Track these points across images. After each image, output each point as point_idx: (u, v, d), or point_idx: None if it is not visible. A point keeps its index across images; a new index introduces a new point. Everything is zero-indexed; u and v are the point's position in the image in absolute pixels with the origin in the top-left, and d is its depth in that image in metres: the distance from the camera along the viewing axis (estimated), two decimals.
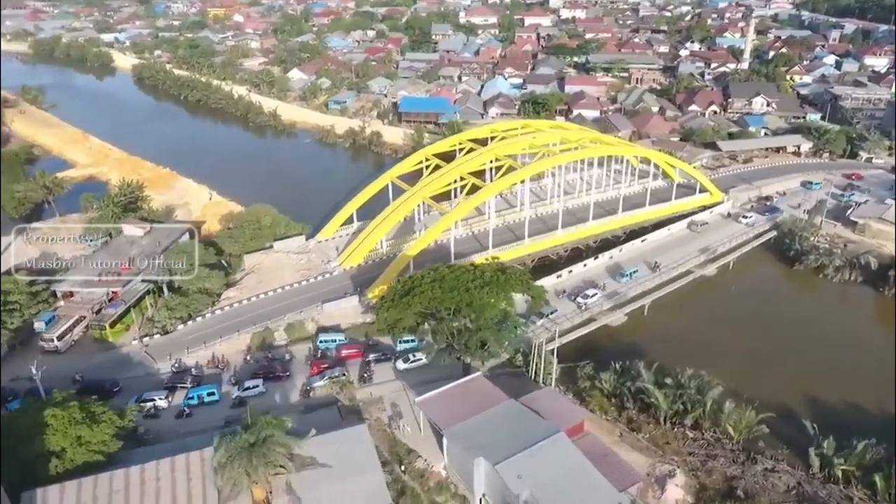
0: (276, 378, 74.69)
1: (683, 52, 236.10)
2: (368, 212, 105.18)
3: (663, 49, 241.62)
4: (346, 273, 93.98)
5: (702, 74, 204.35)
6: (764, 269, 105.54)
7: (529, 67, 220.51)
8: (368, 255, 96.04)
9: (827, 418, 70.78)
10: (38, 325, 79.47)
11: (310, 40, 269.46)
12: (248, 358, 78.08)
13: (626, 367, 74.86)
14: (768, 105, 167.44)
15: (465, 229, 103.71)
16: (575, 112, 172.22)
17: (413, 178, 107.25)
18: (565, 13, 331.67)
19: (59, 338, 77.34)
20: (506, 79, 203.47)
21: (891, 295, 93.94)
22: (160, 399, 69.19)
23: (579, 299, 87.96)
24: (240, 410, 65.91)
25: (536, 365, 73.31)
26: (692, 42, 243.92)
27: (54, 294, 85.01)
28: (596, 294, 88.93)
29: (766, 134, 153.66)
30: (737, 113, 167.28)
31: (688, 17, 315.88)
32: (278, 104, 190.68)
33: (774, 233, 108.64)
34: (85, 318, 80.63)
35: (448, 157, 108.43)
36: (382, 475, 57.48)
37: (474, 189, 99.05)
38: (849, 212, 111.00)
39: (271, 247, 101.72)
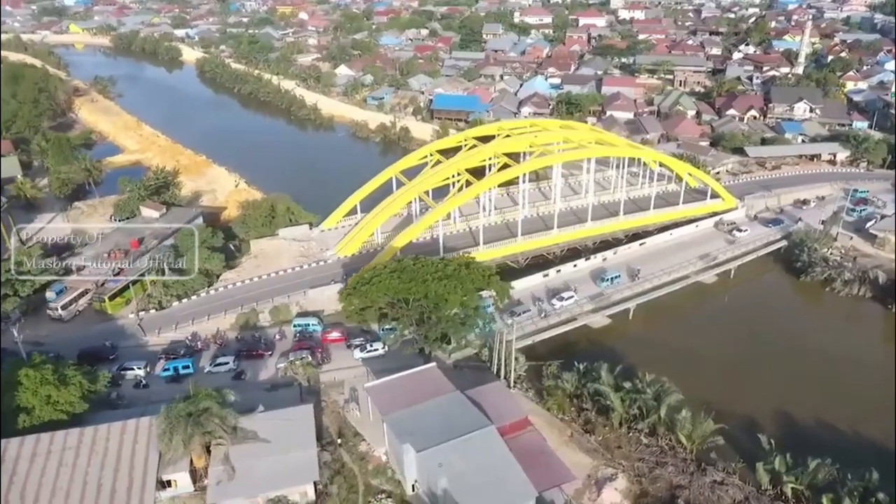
0: (258, 356, 77.90)
1: (737, 55, 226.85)
2: (372, 204, 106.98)
3: (715, 51, 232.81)
4: (339, 261, 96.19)
5: (750, 78, 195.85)
6: (767, 279, 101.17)
7: (574, 68, 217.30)
8: (364, 245, 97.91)
9: (795, 436, 68.14)
10: (49, 295, 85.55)
11: (364, 38, 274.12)
12: (221, 335, 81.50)
13: (589, 369, 73.78)
14: (811, 111, 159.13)
15: (463, 225, 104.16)
16: (608, 113, 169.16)
17: (417, 172, 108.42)
18: (624, 14, 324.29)
19: (64, 307, 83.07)
20: (546, 79, 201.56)
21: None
22: (138, 369, 73.27)
23: (554, 301, 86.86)
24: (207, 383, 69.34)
25: (500, 360, 73.23)
26: (747, 45, 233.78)
27: (68, 268, 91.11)
28: (572, 297, 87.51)
29: (802, 141, 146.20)
30: (776, 118, 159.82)
31: (752, 20, 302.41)
32: (319, 98, 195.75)
33: (784, 242, 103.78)
34: (89, 290, 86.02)
35: (454, 153, 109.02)
36: (315, 453, 59.22)
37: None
38: (868, 224, 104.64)
39: (277, 233, 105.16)
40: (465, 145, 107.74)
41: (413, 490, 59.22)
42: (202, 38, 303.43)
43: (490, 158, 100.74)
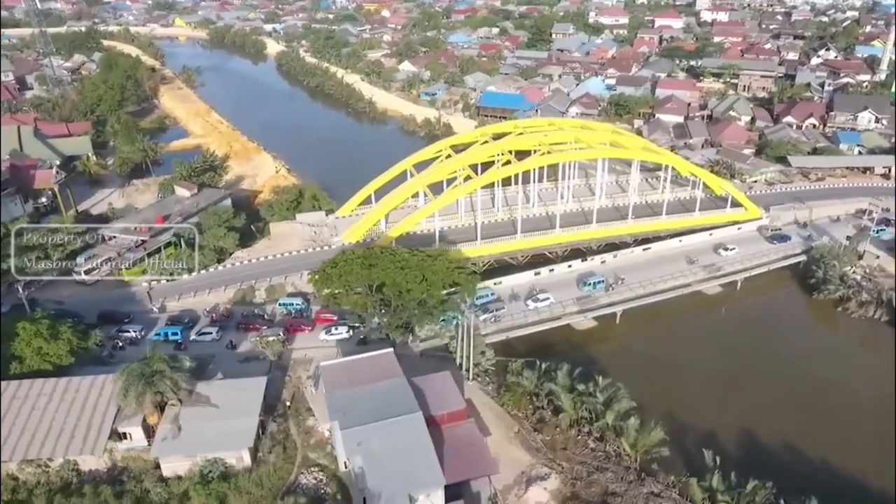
0: (254, 329, 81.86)
1: (815, 60, 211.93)
2: (385, 194, 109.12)
3: (792, 56, 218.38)
4: (343, 247, 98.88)
5: (822, 85, 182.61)
6: (777, 295, 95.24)
7: (636, 69, 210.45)
8: (369, 233, 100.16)
9: (754, 457, 65.06)
10: (79, 260, 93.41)
11: (434, 35, 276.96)
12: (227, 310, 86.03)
13: (550, 368, 72.69)
14: (877, 121, 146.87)
15: (469, 219, 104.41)
16: (657, 116, 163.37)
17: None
18: (707, 16, 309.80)
19: (87, 272, 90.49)
20: (603, 80, 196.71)
21: None
22: (134, 332, 78.98)
23: (529, 301, 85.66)
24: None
25: (463, 353, 73.44)
26: (827, 49, 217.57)
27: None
28: (548, 299, 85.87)
29: (859, 152, 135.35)
30: (837, 127, 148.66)
31: (845, 23, 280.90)
32: (377, 93, 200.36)
33: (804, 257, 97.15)
34: (112, 259, 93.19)
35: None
36: (256, 422, 62.04)
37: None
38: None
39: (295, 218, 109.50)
40: (480, 142, 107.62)
41: (345, 467, 60.93)
42: (286, 32, 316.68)
43: (498, 155, 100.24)
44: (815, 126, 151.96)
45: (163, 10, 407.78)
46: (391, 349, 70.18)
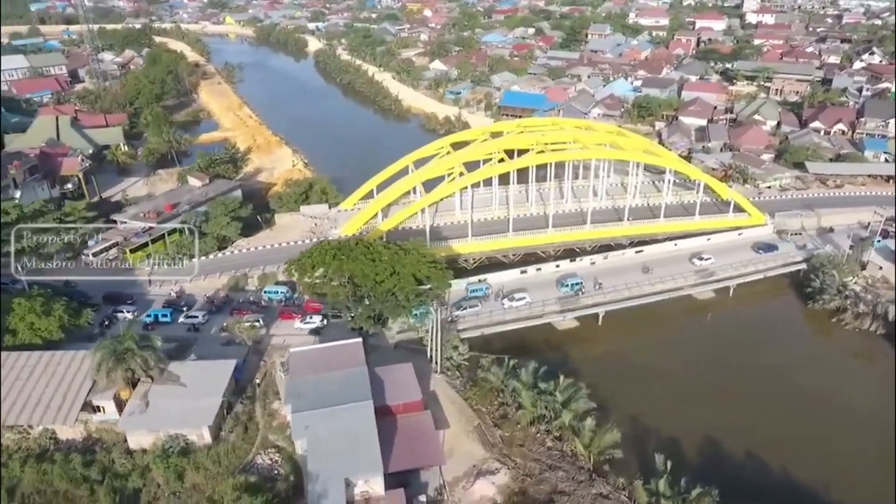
0: (245, 315, 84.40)
1: (858, 65, 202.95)
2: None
3: (833, 59, 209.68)
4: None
5: (860, 90, 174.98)
6: (770, 302, 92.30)
7: (668, 71, 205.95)
8: (366, 226, 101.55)
9: (710, 465, 63.64)
10: (91, 243, 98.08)
11: (470, 35, 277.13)
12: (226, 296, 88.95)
13: (517, 365, 72.57)
14: None
15: (466, 216, 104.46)
16: (679, 118, 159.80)
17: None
18: (752, 18, 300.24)
19: (94, 255, 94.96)
20: (631, 82, 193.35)
21: None
22: (128, 312, 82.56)
23: (505, 300, 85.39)
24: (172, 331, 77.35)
25: (433, 346, 74.01)
26: (872, 53, 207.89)
27: (114, 222, 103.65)
28: (523, 298, 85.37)
29: (886, 160, 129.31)
30: (867, 134, 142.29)
31: None
32: (404, 90, 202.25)
33: (804, 266, 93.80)
34: (118, 243, 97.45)
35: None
36: (219, 402, 64.16)
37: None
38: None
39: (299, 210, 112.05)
40: (480, 140, 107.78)
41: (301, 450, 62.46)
42: (327, 31, 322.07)
43: (494, 154, 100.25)
44: (843, 132, 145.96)
45: (215, 9, 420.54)
46: (360, 339, 71.31)
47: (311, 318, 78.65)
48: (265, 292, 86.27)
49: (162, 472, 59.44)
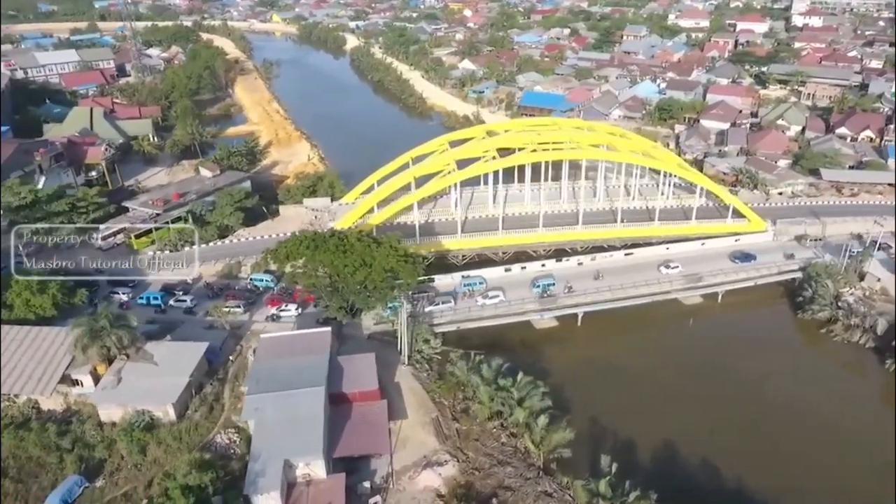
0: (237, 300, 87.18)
1: None
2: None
3: (875, 64, 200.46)
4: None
5: None
6: (760, 310, 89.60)
7: (699, 73, 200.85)
8: (362, 220, 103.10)
9: (660, 470, 62.43)
10: (102, 227, 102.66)
11: (503, 35, 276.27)
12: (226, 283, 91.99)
13: (482, 361, 72.82)
14: None
15: (461, 213, 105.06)
16: (700, 121, 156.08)
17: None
18: (799, 20, 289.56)
19: (103, 239, 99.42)
20: (658, 83, 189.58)
21: (892, 369, 73.94)
22: (123, 294, 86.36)
23: (479, 298, 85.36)
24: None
25: (403, 338, 74.86)
26: None
27: (125, 208, 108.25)
28: (497, 296, 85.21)
29: None
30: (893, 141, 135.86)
31: None
32: (429, 88, 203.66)
33: (799, 274, 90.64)
34: (125, 229, 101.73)
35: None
36: (185, 382, 66.45)
37: None
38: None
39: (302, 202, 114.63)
40: (478, 138, 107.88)
41: None
42: (366, 29, 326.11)
43: (487, 152, 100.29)
44: (871, 139, 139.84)
45: (264, 7, 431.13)
46: (328, 328, 72.80)
47: (286, 306, 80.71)
48: (252, 279, 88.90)
49: (125, 445, 62.04)
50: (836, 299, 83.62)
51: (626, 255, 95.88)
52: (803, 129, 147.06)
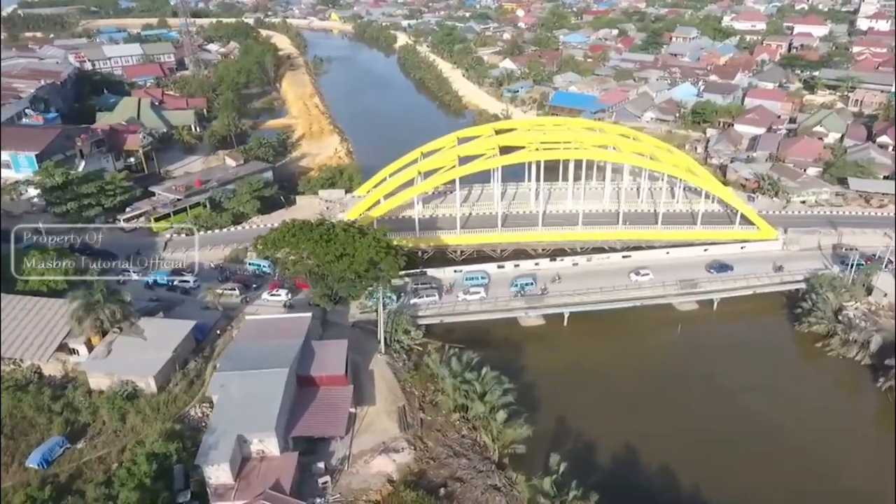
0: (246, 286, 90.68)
1: None
2: None
3: None
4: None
5: None
6: (757, 320, 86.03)
7: (744, 76, 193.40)
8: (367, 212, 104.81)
9: (616, 471, 61.55)
10: (128, 209, 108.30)
11: (548, 35, 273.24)
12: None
13: (457, 354, 73.13)
14: None
15: (466, 209, 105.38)
16: (734, 126, 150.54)
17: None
18: (864, 24, 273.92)
19: (126, 220, 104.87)
20: (697, 86, 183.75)
21: (886, 387, 69.80)
22: (133, 273, 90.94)
23: (461, 293, 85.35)
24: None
25: (381, 327, 75.95)
26: None
27: (151, 192, 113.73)
28: (478, 293, 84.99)
29: None
30: None
31: None
32: (468, 87, 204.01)
33: (803, 285, 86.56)
34: (147, 212, 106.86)
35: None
36: (168, 356, 69.53)
37: None
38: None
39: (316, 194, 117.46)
40: (485, 136, 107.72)
41: None
42: (417, 28, 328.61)
43: (492, 149, 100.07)
44: None
45: (324, 6, 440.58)
46: (309, 314, 74.54)
47: (276, 291, 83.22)
48: (249, 264, 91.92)
49: (107, 412, 65.57)
50: (836, 313, 79.48)
51: (623, 257, 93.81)
52: (843, 137, 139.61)
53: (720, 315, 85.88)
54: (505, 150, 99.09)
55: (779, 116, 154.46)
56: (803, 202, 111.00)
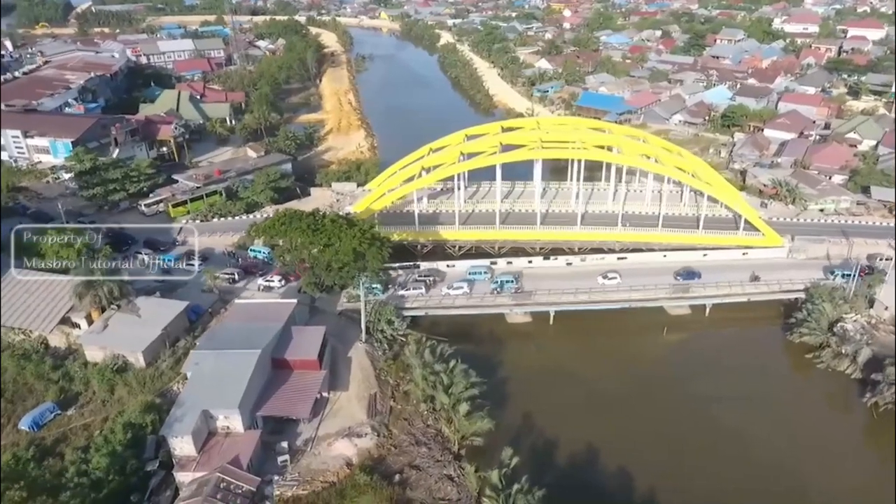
0: (251, 272, 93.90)
1: None
2: None
3: None
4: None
5: None
6: (750, 328, 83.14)
7: (785, 80, 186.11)
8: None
9: (572, 469, 61.05)
10: (152, 195, 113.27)
11: (587, 35, 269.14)
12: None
13: (432, 346, 73.84)
14: None
15: (469, 206, 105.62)
16: (763, 130, 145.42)
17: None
18: None
19: (147, 206, 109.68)
20: (731, 89, 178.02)
21: (871, 403, 66.61)
22: (145, 255, 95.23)
23: (445, 288, 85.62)
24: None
25: (364, 317, 77.36)
26: None
27: (175, 180, 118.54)
28: (461, 288, 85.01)
29: None
30: None
31: None
32: (501, 86, 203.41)
33: (802, 295, 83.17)
34: (166, 199, 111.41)
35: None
36: (156, 334, 72.77)
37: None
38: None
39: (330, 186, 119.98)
40: (492, 134, 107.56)
41: None
42: (460, 27, 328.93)
43: (495, 147, 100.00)
44: None
45: (376, 4, 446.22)
46: (294, 301, 76.59)
47: (270, 277, 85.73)
48: (250, 251, 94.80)
49: (97, 383, 69.34)
50: (832, 325, 76.14)
51: (619, 258, 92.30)
52: (877, 145, 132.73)
53: (712, 321, 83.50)
54: (509, 149, 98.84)
55: (814, 122, 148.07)
56: (821, 210, 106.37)
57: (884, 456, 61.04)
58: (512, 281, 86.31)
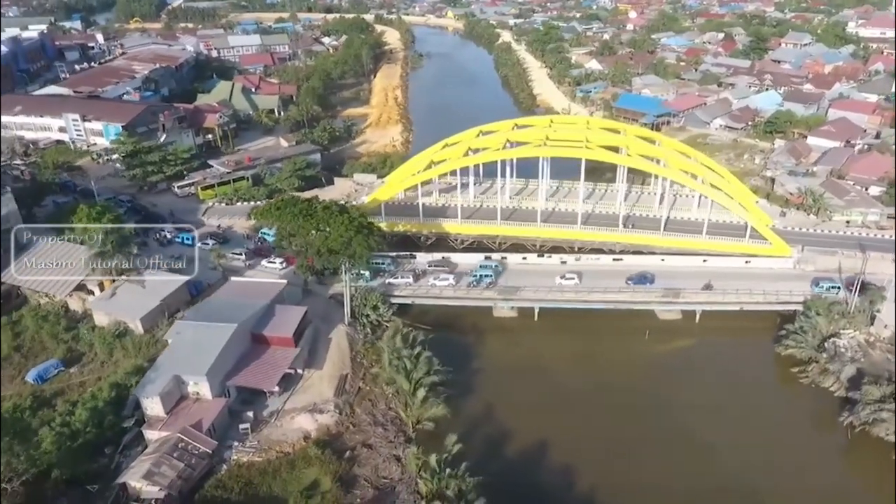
0: (263, 254, 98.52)
1: None
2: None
3: None
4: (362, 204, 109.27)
5: None
6: (738, 337, 79.54)
7: (846, 86, 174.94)
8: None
9: (517, 465, 61.06)
10: (187, 178, 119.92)
11: (643, 36, 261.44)
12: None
13: (404, 332, 75.17)
14: None
15: (479, 200, 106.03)
16: (807, 138, 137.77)
17: None
18: None
19: (180, 188, 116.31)
20: (783, 94, 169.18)
21: (847, 423, 62.83)
22: (168, 233, 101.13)
23: (432, 279, 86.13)
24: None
25: (355, 302, 79.66)
26: None
27: (209, 165, 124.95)
28: (447, 280, 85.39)
29: None
30: None
31: None
32: (546, 84, 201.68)
33: (800, 307, 78.90)
34: (197, 182, 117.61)
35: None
36: (154, 304, 77.52)
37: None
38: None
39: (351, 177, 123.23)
40: (505, 130, 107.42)
41: None
42: (520, 27, 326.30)
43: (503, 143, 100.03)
44: None
45: (444, 3, 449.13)
46: (284, 281, 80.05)
47: (273, 259, 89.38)
48: (261, 233, 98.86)
49: (99, 346, 74.95)
50: (824, 340, 72.07)
51: (614, 259, 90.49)
52: None
53: (702, 328, 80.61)
54: (516, 146, 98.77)
55: (864, 130, 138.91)
56: (847, 222, 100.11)
57: (849, 479, 57.66)
58: (490, 276, 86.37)
